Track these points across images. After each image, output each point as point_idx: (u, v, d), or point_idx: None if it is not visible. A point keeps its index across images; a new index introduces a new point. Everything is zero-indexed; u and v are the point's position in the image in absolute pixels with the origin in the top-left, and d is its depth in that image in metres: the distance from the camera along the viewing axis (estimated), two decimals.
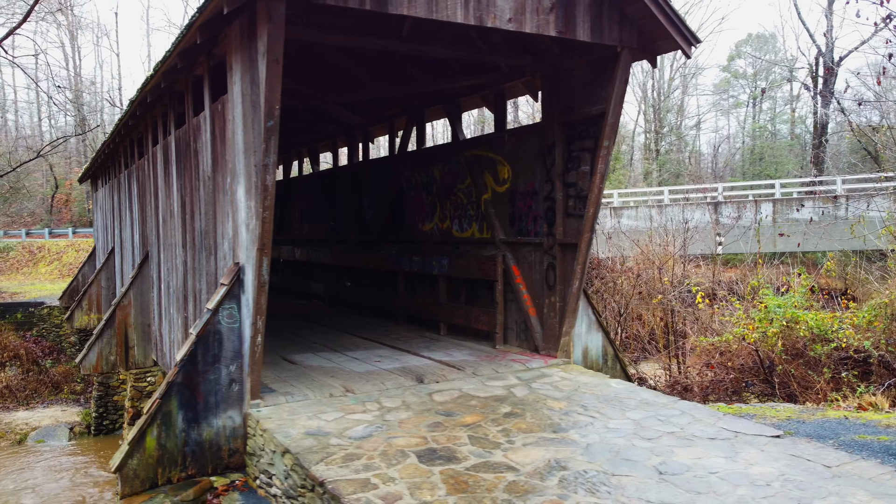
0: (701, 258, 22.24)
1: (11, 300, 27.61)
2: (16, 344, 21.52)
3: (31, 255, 40.75)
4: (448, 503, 5.08)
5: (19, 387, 19.69)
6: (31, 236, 44.18)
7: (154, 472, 6.80)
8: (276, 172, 6.54)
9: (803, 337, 11.27)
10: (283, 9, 6.03)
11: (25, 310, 23.90)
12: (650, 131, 58.44)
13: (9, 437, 17.44)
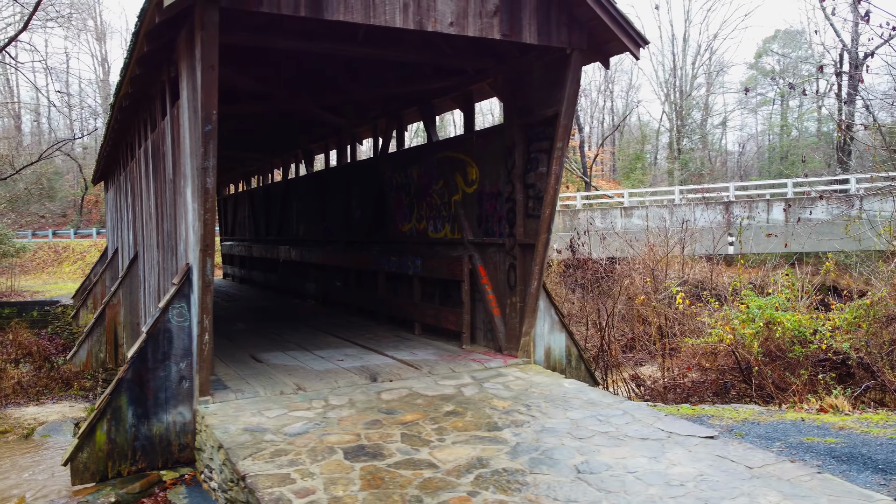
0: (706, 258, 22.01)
1: (31, 298, 28.43)
2: (30, 341, 22.10)
3: (56, 255, 41.84)
4: (358, 498, 5.20)
5: (31, 383, 20.21)
6: (57, 236, 45.37)
7: (104, 465, 7.04)
8: (216, 175, 6.71)
9: (782, 338, 11.16)
10: (216, 17, 6.21)
11: (41, 308, 24.59)
12: (672, 130, 57.88)
13: (17, 431, 17.98)
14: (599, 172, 62.62)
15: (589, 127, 68.23)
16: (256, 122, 14.22)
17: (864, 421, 8.12)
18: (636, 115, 70.16)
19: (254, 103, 11.40)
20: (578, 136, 51.85)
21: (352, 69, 10.93)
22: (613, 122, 67.07)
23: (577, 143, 52.51)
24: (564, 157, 8.41)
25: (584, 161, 52.11)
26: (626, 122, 65.82)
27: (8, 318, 23.47)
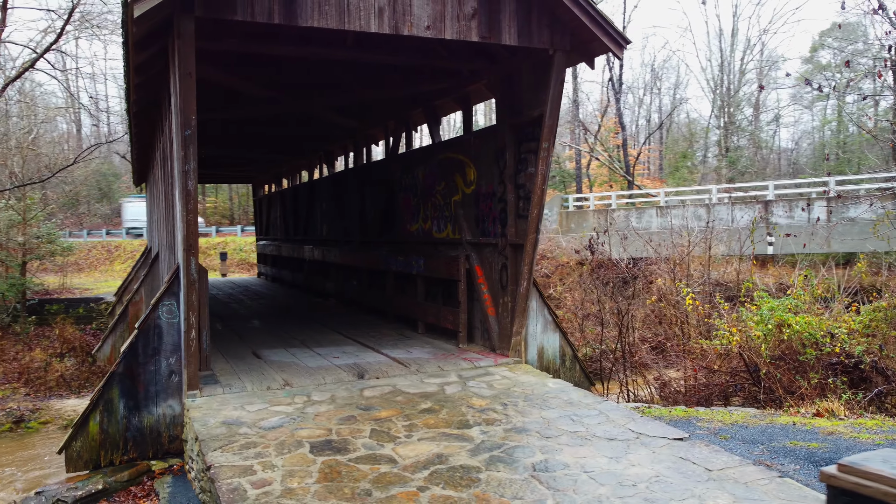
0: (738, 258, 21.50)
1: (80, 296, 29.61)
2: (74, 336, 23.15)
3: (108, 254, 43.48)
4: (310, 490, 5.37)
5: (73, 376, 21.16)
6: (110, 235, 47.09)
7: (97, 454, 7.40)
8: (196, 178, 6.99)
9: (790, 341, 10.90)
10: (192, 26, 6.48)
11: (87, 305, 25.66)
12: (720, 127, 56.58)
13: (57, 422, 18.89)
14: (644, 171, 61.67)
15: (636, 125, 67.28)
16: (275, 124, 14.57)
17: (857, 426, 7.92)
18: (685, 112, 68.83)
19: (262, 107, 11.73)
20: (621, 135, 51.11)
21: (355, 72, 11.12)
22: (661, 120, 65.97)
23: (621, 142, 51.80)
24: (551, 158, 8.43)
25: (626, 160, 51.39)
26: (672, 120, 64.61)
27: (55, 314, 24.59)
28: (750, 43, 58.14)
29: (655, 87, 65.96)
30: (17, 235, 23.98)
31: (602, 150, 52.08)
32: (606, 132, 56.05)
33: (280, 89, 11.17)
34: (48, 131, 51.38)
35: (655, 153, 65.55)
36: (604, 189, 51.80)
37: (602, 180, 54.94)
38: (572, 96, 53.62)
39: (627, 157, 52.08)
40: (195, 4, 6.41)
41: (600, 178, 55.38)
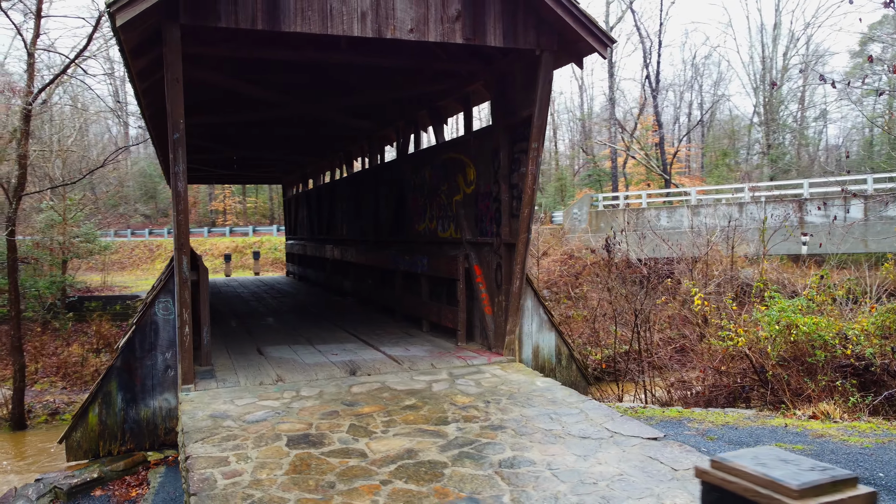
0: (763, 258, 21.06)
1: (119, 293, 30.58)
2: (110, 332, 23.99)
3: (150, 253, 44.76)
4: (277, 481, 5.55)
5: None
6: (153, 235, 48.43)
7: (96, 444, 7.74)
8: (186, 179, 7.25)
9: (798, 342, 10.70)
10: (178, 33, 6.73)
11: (123, 302, 26.52)
12: (761, 124, 55.32)
13: None
14: (683, 170, 60.71)
15: (677, 123, 66.26)
16: (294, 126, 14.87)
17: (850, 429, 7.77)
18: (727, 109, 67.49)
19: (275, 110, 12.01)
20: (658, 133, 50.41)
21: (360, 74, 11.31)
22: (702, 117, 64.86)
23: (657, 140, 51.11)
24: (540, 158, 8.48)
25: (663, 158, 50.65)
26: (713, 118, 63.41)
27: (93, 311, 25.49)
28: (794, 37, 56.67)
29: (696, 84, 64.83)
30: (57, 235, 24.93)
31: (638, 148, 51.47)
32: (643, 130, 55.37)
33: (287, 93, 11.42)
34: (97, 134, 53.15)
35: (696, 151, 64.47)
36: (640, 188, 51.18)
37: (638, 179, 54.29)
38: (608, 94, 53.11)
39: (664, 155, 51.36)
40: (180, 13, 6.66)
41: (637, 176, 54.73)
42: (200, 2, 6.71)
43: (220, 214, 65.51)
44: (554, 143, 69.12)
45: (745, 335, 11.17)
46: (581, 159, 64.45)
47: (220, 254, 34.55)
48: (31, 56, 16.79)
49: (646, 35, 50.07)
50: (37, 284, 23.82)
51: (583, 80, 78.02)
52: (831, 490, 2.45)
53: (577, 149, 64.74)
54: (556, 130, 68.64)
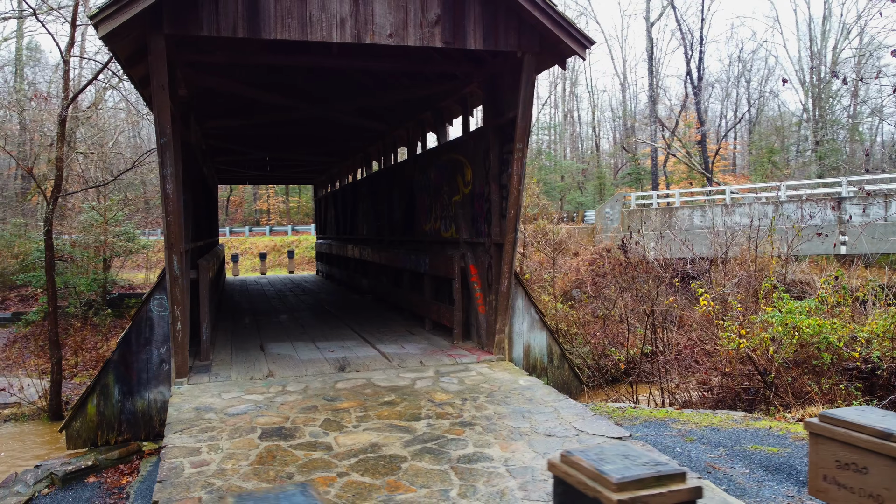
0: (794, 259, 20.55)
1: None
2: None
3: None
4: (240, 471, 5.80)
5: None
6: None
7: (94, 434, 8.15)
8: (175, 182, 7.58)
9: (808, 344, 10.51)
10: (162, 43, 7.04)
11: None
12: (807, 120, 53.77)
13: None
14: (727, 167, 59.43)
15: (724, 120, 64.91)
16: (309, 127, 15.21)
17: None
18: (775, 106, 65.75)
19: (281, 112, 12.35)
20: (700, 130, 49.47)
21: (363, 77, 11.54)
22: (750, 114, 63.41)
23: (699, 137, 50.15)
24: (525, 159, 8.55)
25: (705, 156, 49.69)
26: (760, 114, 61.88)
27: (133, 307, 26.45)
28: (845, 30, 54.86)
29: (743, 80, 63.33)
30: (98, 234, 25.93)
31: (679, 146, 50.61)
32: (686, 128, 54.42)
33: (296, 96, 11.75)
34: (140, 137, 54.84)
35: (742, 149, 63.03)
36: (682, 186, 50.33)
37: (679, 177, 53.38)
38: (648, 92, 52.39)
39: (706, 153, 50.38)
40: (163, 23, 6.97)
41: (678, 175, 53.82)
42: (182, 12, 7.01)
43: (264, 214, 66.93)
44: (595, 142, 68.52)
45: (749, 337, 11.02)
46: (623, 158, 63.71)
47: (259, 252, 35.37)
48: (67, 63, 17.54)
49: (687, 31, 49.11)
50: (80, 282, 24.82)
51: (625, 78, 77.09)
52: (654, 484, 2.53)
53: (618, 147, 63.98)
54: (595, 128, 68.02)
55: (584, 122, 69.48)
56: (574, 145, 70.04)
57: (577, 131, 69.53)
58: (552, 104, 69.13)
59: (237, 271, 31.31)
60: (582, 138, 69.77)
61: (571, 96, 68.68)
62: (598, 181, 56.16)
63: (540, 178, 53.43)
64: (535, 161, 57.19)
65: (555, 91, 67.94)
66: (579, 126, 69.35)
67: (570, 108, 68.69)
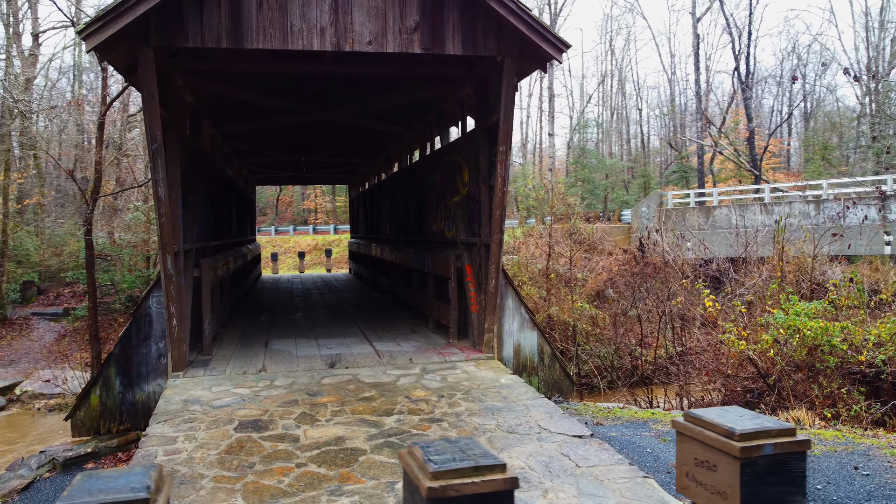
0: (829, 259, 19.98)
1: None
2: None
3: None
4: (206, 460, 6.14)
5: None
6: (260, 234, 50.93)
7: (97, 422, 8.65)
8: (167, 186, 7.98)
9: (800, 347, 10.32)
10: (150, 55, 7.45)
11: None
12: (863, 115, 51.81)
13: None
14: (779, 165, 57.77)
15: (778, 116, 63.11)
16: (324, 129, 15.58)
17: (813, 437, 7.55)
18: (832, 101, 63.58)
19: (288, 117, 12.76)
20: (748, 127, 48.25)
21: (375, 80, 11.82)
22: (805, 109, 61.56)
23: (748, 134, 48.94)
24: (509, 161, 8.69)
25: (753, 153, 48.45)
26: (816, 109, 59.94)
27: None
28: None
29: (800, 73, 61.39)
30: (142, 233, 27.03)
31: (727, 143, 49.48)
32: (734, 124, 53.17)
33: (302, 100, 12.12)
34: None
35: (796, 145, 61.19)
36: (729, 184, 49.23)
37: (727, 175, 52.19)
38: (695, 88, 51.36)
39: (755, 150, 49.13)
40: (151, 36, 7.38)
41: (725, 173, 52.62)
42: (168, 25, 7.40)
43: (312, 213, 68.18)
44: (641, 140, 67.52)
45: (752, 339, 10.88)
46: (670, 156, 62.61)
47: (298, 251, 36.19)
48: (105, 70, 18.40)
49: (734, 25, 47.95)
50: (124, 279, 25.90)
51: (673, 74, 75.64)
52: (470, 474, 2.70)
53: (665, 145, 62.92)
54: (642, 126, 67.02)
55: (631, 119, 68.56)
56: (621, 143, 69.17)
57: (625, 129, 68.64)
58: (599, 101, 68.48)
59: (276, 269, 32.10)
60: (629, 136, 68.85)
61: (619, 93, 67.85)
62: (643, 180, 55.34)
63: (583, 177, 53.00)
64: (580, 159, 56.70)
65: (601, 88, 67.27)
66: (627, 124, 68.43)
67: (617, 106, 67.87)
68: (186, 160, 9.86)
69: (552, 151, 57.17)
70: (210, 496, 5.38)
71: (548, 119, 54.71)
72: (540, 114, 58.78)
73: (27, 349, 24.64)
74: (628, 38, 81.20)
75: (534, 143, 62.30)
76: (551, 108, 53.49)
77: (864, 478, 6.09)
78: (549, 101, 53.45)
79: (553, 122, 54.60)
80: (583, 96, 69.14)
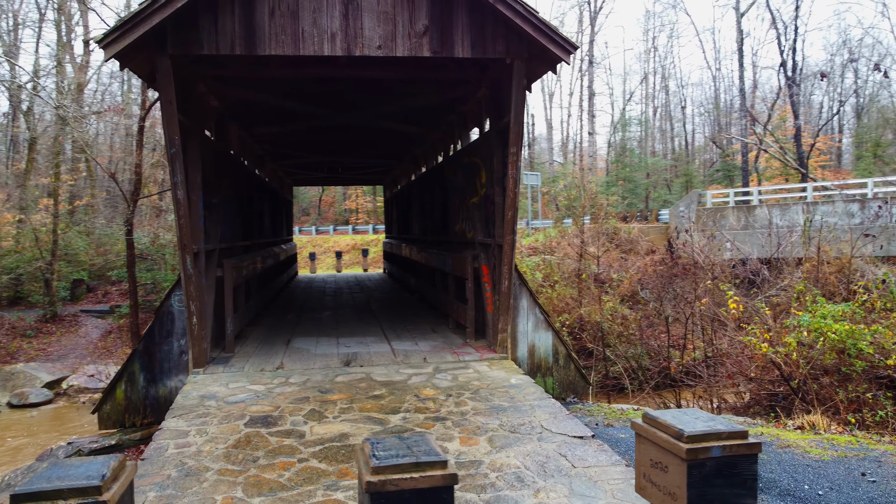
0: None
1: None
2: None
3: None
4: (214, 453, 6.36)
5: None
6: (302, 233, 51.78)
7: (122, 416, 9.00)
8: (185, 189, 8.26)
9: (824, 350, 10.09)
10: (167, 62, 7.72)
11: None
12: None
13: None
14: (827, 163, 56.10)
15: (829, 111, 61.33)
16: (352, 132, 15.81)
17: (826, 441, 7.42)
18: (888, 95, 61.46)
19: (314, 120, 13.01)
20: (795, 124, 47.00)
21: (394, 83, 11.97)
22: (857, 105, 59.72)
23: (794, 131, 47.68)
24: (520, 162, 8.72)
25: (800, 151, 47.18)
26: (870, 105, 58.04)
27: None
28: None
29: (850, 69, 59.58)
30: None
31: (772, 141, 48.30)
32: (780, 121, 51.87)
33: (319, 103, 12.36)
34: None
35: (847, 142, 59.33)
36: (775, 183, 48.09)
37: (773, 174, 50.95)
38: (738, 85, 50.25)
39: (801, 147, 47.84)
40: (168, 44, 7.66)
41: (771, 171, 51.37)
42: (184, 33, 7.67)
43: (353, 213, 68.95)
44: (685, 138, 66.39)
45: (775, 341, 10.68)
46: (715, 154, 61.40)
47: (336, 251, 36.69)
48: None
49: (780, 19, 46.81)
50: (167, 277, 26.64)
51: (718, 70, 74.17)
52: (410, 469, 2.80)
53: (709, 143, 61.72)
54: (685, 124, 65.88)
55: (675, 117, 67.43)
56: (665, 141, 68.11)
57: (669, 127, 67.57)
58: (642, 99, 67.58)
59: (314, 269, 32.61)
60: (673, 134, 67.74)
61: (662, 91, 66.82)
62: (685, 178, 54.41)
63: (624, 176, 52.38)
64: (620, 158, 56.06)
65: (644, 85, 66.36)
66: (670, 122, 67.35)
67: (660, 104, 66.85)
68: (210, 163, 10.16)
69: (592, 150, 56.68)
70: (212, 488, 5.59)
71: (588, 118, 54.30)
72: (581, 112, 58.25)
73: (75, 345, 25.58)
74: (671, 35, 79.78)
75: (574, 143, 61.79)
76: (591, 106, 53.02)
77: (870, 484, 5.97)
78: (589, 100, 52.98)
79: (593, 120, 54.11)
80: (624, 94, 68.25)
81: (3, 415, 16.26)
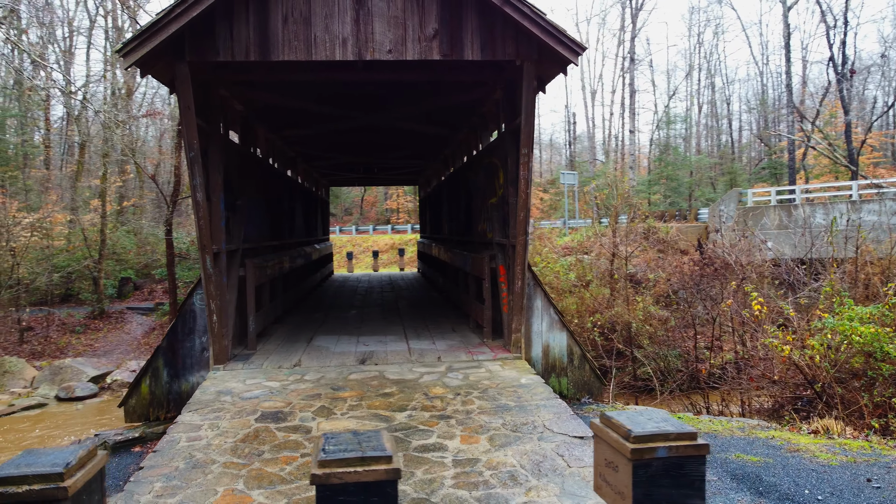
0: None
1: None
2: None
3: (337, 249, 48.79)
4: (223, 446, 6.59)
5: None
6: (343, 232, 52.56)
7: (147, 410, 9.35)
8: (204, 191, 8.54)
9: (848, 353, 9.85)
10: (186, 69, 8.01)
11: None
12: None
13: None
14: (880, 159, 54.25)
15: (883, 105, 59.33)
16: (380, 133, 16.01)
17: (837, 446, 7.29)
18: None
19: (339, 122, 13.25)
20: (845, 119, 45.61)
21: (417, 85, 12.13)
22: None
23: (844, 127, 46.27)
24: (531, 163, 8.77)
25: (850, 147, 45.76)
26: None
27: None
28: None
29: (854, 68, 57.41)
30: None
31: (821, 137, 46.96)
32: (830, 117, 50.39)
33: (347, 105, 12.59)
34: None
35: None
36: (823, 180, 46.79)
37: (821, 171, 49.54)
38: (785, 80, 48.99)
39: (851, 144, 46.39)
40: (185, 52, 7.94)
41: (819, 168, 49.95)
42: (201, 41, 7.94)
43: (394, 213, 69.51)
44: (730, 136, 65.00)
45: (799, 344, 10.46)
46: (761, 151, 60.00)
47: (373, 250, 37.09)
48: None
49: (829, 12, 45.48)
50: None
51: (766, 65, 72.34)
52: (356, 464, 2.92)
53: (754, 139, 60.32)
54: (731, 121, 64.51)
55: (720, 114, 66.10)
56: (710, 138, 66.82)
57: (714, 124, 66.27)
58: (686, 96, 66.44)
59: (351, 268, 33.03)
60: (718, 131, 66.41)
61: (707, 87, 65.57)
62: (730, 177, 53.30)
63: (667, 174, 51.58)
64: (663, 156, 55.24)
65: (688, 82, 65.23)
66: (716, 119, 66.05)
67: (705, 100, 65.62)
68: (234, 166, 10.46)
69: (634, 148, 55.97)
70: (215, 480, 5.80)
71: (630, 115, 53.64)
72: (623, 110, 57.58)
73: (120, 341, 26.48)
74: (717, 30, 78.15)
75: (617, 141, 61.09)
76: (633, 104, 52.40)
77: (874, 491, 5.85)
78: (631, 98, 52.38)
79: (634, 118, 53.46)
80: (668, 91, 67.16)
81: (50, 407, 16.97)
